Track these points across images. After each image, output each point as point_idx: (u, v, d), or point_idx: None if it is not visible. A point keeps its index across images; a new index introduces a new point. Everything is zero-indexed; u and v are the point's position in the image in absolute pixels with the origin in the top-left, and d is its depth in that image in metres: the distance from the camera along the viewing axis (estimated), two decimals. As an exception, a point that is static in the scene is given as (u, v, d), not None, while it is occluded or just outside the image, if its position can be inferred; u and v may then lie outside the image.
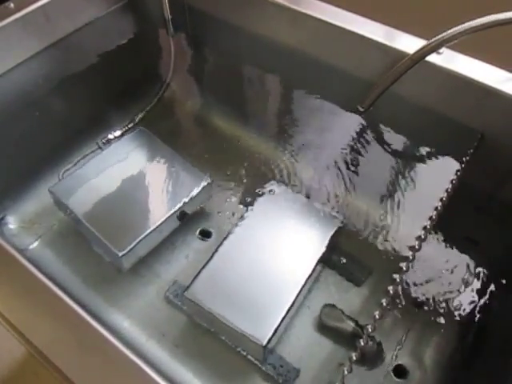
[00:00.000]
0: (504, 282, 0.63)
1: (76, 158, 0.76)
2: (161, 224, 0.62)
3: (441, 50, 0.56)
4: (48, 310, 0.43)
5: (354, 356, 0.40)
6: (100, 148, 0.77)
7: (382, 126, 0.68)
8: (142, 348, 0.59)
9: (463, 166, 0.56)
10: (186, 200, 0.64)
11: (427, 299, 0.63)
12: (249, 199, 0.72)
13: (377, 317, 0.42)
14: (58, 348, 0.41)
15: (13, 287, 0.45)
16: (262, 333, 0.53)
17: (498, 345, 0.57)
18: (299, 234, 0.62)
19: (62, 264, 0.66)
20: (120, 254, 0.59)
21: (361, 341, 0.42)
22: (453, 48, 0.56)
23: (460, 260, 0.67)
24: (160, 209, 0.63)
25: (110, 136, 0.79)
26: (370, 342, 0.56)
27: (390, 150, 0.69)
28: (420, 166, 0.67)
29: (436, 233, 0.68)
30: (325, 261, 0.63)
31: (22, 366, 0.85)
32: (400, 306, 0.63)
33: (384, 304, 0.43)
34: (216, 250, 0.60)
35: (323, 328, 0.61)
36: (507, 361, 0.52)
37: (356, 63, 0.63)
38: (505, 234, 0.63)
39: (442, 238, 0.68)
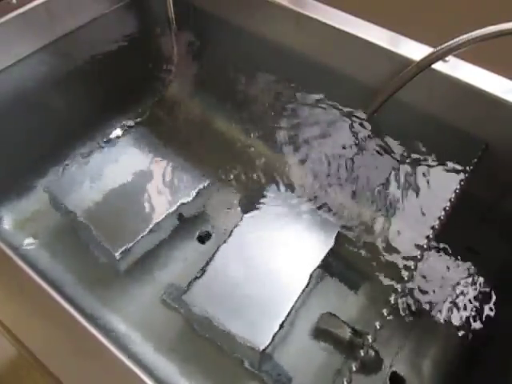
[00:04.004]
0: (504, 292, 0.63)
1: (75, 157, 0.74)
2: (158, 225, 0.61)
3: (447, 58, 0.56)
4: (42, 311, 0.43)
5: (353, 366, 0.40)
6: (100, 147, 0.76)
7: (385, 133, 0.67)
8: (137, 351, 0.58)
9: (467, 175, 0.55)
10: (185, 202, 0.64)
11: (426, 308, 0.63)
12: (248, 203, 0.71)
13: (377, 327, 0.42)
14: (51, 350, 0.41)
15: (6, 287, 0.44)
16: (260, 339, 0.52)
17: (497, 356, 0.57)
18: (299, 239, 0.61)
19: (57, 264, 0.65)
20: (116, 255, 0.58)
21: (361, 351, 0.41)
22: (459, 56, 0.56)
23: (461, 270, 0.66)
24: (158, 210, 0.63)
25: (111, 135, 0.78)
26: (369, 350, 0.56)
27: (392, 157, 0.69)
28: (423, 175, 0.67)
29: (437, 242, 0.68)
30: (323, 266, 0.62)
31: (16, 363, 0.84)
32: (399, 315, 0.62)
33: (385, 314, 0.42)
34: (214, 254, 0.59)
35: (320, 335, 0.60)
36: (507, 372, 0.52)
37: (361, 68, 0.63)
38: (506, 244, 0.63)
39: (443, 247, 0.68)
